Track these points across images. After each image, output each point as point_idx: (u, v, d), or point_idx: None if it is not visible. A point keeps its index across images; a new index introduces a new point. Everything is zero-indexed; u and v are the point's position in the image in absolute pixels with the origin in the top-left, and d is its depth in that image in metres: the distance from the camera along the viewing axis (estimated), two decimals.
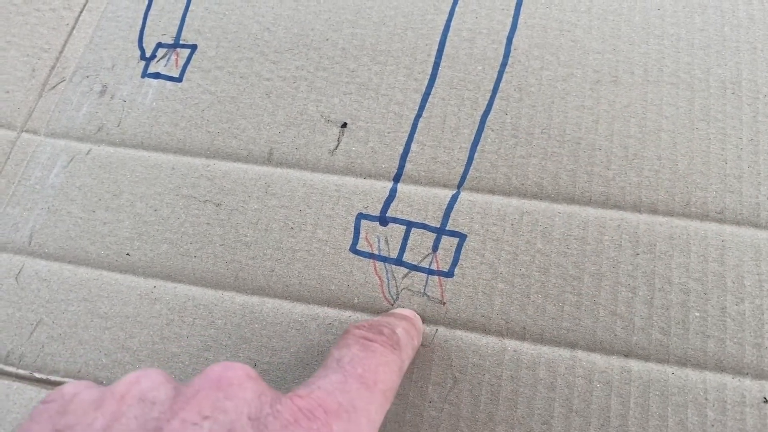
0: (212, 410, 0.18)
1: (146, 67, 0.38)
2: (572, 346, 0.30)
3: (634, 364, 0.29)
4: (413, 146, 0.34)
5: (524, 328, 0.30)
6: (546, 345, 0.30)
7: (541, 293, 0.30)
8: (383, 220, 0.33)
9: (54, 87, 0.38)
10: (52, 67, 0.39)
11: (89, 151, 0.36)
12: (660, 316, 0.29)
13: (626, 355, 0.29)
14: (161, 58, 0.38)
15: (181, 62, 0.38)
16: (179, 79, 0.37)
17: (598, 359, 0.29)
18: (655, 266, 0.30)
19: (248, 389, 0.19)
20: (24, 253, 0.34)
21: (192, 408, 0.18)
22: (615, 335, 0.29)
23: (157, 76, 0.38)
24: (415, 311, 0.31)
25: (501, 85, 0.35)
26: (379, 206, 0.33)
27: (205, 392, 0.18)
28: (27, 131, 0.37)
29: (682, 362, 0.29)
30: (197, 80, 0.37)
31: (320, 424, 0.19)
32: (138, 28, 0.39)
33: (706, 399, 0.28)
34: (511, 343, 0.30)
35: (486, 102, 0.35)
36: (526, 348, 0.30)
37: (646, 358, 0.29)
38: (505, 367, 0.29)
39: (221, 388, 0.19)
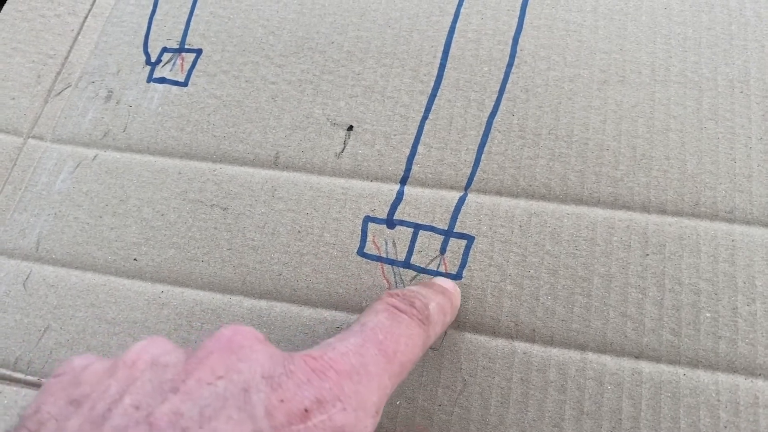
0: (226, 371, 0.18)
1: (152, 71, 0.38)
2: (582, 347, 0.29)
3: (645, 366, 0.29)
4: (420, 148, 0.34)
5: (534, 330, 0.30)
6: (556, 347, 0.30)
7: (551, 295, 0.30)
8: (390, 222, 0.33)
9: (60, 93, 0.38)
10: (58, 73, 0.39)
11: (95, 156, 0.36)
12: (670, 317, 0.29)
13: (637, 357, 0.29)
14: (166, 63, 0.38)
15: (187, 67, 0.38)
16: (185, 84, 0.37)
17: (609, 361, 0.29)
18: (665, 267, 0.30)
19: (259, 351, 0.19)
20: (31, 259, 0.34)
21: (205, 369, 0.18)
22: (625, 337, 0.29)
23: (162, 80, 0.38)
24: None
25: (507, 86, 0.35)
26: (386, 209, 0.33)
27: (218, 354, 0.19)
28: (33, 137, 0.37)
29: (694, 363, 0.29)
30: (203, 84, 0.37)
31: (332, 384, 0.19)
32: (143, 32, 0.39)
33: (719, 400, 0.28)
34: (521, 346, 0.30)
35: (492, 103, 0.34)
36: (536, 350, 0.30)
37: (657, 359, 0.29)
38: (515, 369, 0.29)
39: (233, 350, 0.19)
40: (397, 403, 0.29)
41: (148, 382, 0.18)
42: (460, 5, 0.37)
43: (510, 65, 0.35)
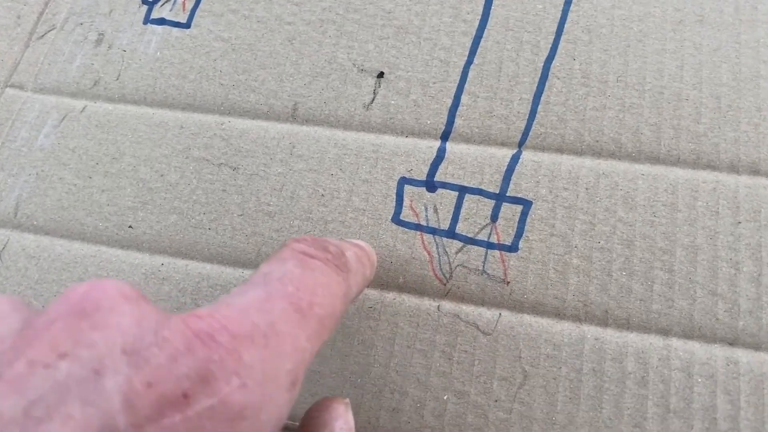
0: (72, 345, 0.14)
1: (149, 11, 0.35)
2: (665, 332, 0.26)
3: (742, 355, 0.25)
4: (464, 98, 0.30)
5: (606, 311, 0.26)
6: (633, 332, 0.26)
7: (626, 270, 0.27)
8: (430, 185, 0.29)
9: (42, 36, 0.35)
10: (41, 14, 0.36)
11: (84, 108, 0.33)
12: None
13: (731, 344, 0.25)
14: (166, 2, 0.35)
15: (189, 5, 0.35)
16: (187, 25, 0.34)
17: (698, 348, 0.25)
18: (760, 236, 0.26)
19: (124, 313, 0.15)
20: (9, 227, 0.31)
21: (43, 344, 0.14)
22: (716, 319, 0.26)
23: (161, 21, 0.35)
24: (474, 288, 0.27)
25: (566, 26, 0.31)
26: (426, 169, 0.29)
27: (63, 321, 0.14)
28: (12, 86, 0.34)
29: None
30: (208, 26, 0.34)
31: (223, 352, 0.15)
32: None
33: None
34: (592, 330, 0.26)
35: (549, 46, 0.31)
36: (610, 335, 0.26)
37: (756, 346, 0.25)
38: (586, 358, 0.26)
39: (85, 314, 0.15)
40: (445, 398, 0.26)
41: None
42: None
43: (568, 2, 0.31)
